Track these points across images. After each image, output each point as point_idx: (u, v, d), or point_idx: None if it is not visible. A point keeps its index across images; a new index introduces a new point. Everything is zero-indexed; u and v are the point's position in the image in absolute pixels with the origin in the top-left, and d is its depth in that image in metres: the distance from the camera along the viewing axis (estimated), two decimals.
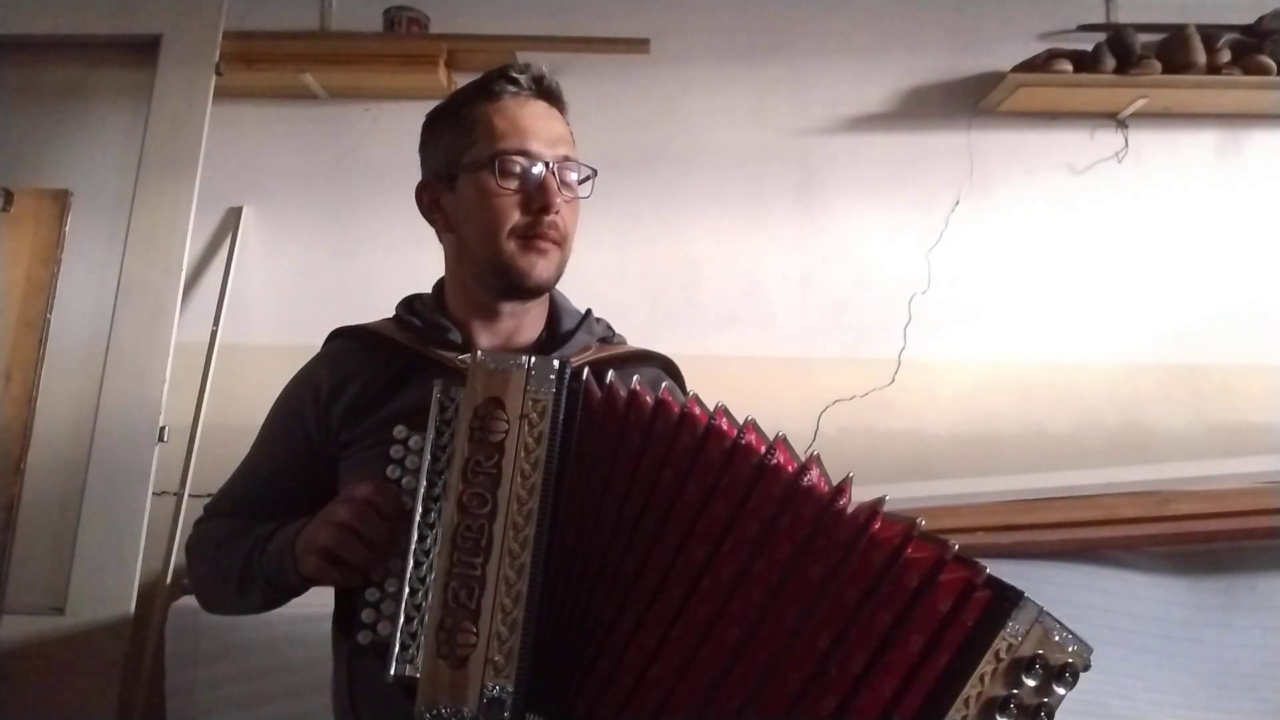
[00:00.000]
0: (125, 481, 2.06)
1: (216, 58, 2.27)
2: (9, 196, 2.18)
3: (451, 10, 2.51)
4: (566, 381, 0.88)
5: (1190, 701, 1.92)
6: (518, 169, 1.06)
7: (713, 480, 0.85)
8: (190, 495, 2.25)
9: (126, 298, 2.15)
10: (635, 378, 0.90)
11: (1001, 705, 0.77)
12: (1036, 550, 1.96)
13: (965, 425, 2.44)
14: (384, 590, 0.87)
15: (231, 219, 2.49)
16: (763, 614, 0.82)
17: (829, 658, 0.80)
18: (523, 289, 1.09)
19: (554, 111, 1.11)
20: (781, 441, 0.86)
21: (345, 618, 0.96)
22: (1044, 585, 1.81)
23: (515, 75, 1.09)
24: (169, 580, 2.18)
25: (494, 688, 0.81)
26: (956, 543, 0.79)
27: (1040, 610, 0.77)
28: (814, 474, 0.84)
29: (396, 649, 0.83)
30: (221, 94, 2.29)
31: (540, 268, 1.07)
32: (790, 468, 0.85)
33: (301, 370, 1.16)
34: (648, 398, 0.89)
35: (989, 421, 2.45)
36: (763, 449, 0.85)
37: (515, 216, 1.06)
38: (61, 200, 2.20)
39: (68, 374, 2.16)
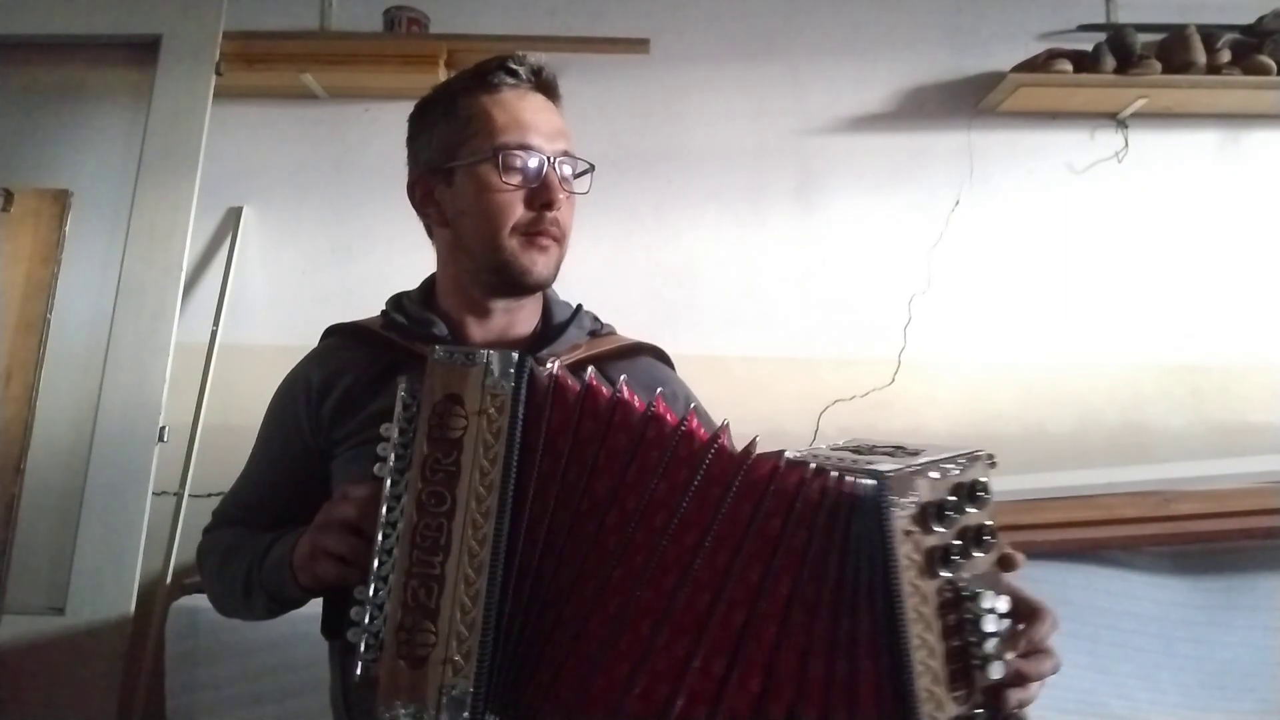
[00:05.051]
0: (125, 481, 2.06)
1: (216, 58, 2.27)
2: (9, 196, 2.18)
3: (451, 10, 2.50)
4: (526, 375, 0.85)
5: (1190, 701, 1.92)
6: (519, 164, 1.04)
7: (679, 476, 0.81)
8: (190, 495, 2.24)
9: (126, 298, 2.15)
10: (623, 377, 0.87)
11: (938, 559, 0.76)
12: (1037, 550, 1.96)
13: (965, 425, 2.44)
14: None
15: (231, 219, 2.48)
16: (731, 604, 0.78)
17: (812, 627, 0.76)
18: (522, 286, 1.07)
19: (551, 104, 1.09)
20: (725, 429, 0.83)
21: (333, 618, 0.94)
22: (1044, 585, 1.80)
23: (514, 66, 1.06)
24: (169, 580, 2.18)
25: (453, 688, 0.79)
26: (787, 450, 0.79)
27: (889, 481, 0.75)
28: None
29: (361, 649, 0.82)
30: (221, 94, 2.29)
31: (541, 265, 1.05)
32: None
33: (293, 370, 1.15)
34: (606, 391, 0.86)
35: (989, 421, 2.45)
36: (707, 439, 0.81)
37: (519, 213, 1.04)
38: (61, 200, 2.20)
39: (68, 374, 2.15)
